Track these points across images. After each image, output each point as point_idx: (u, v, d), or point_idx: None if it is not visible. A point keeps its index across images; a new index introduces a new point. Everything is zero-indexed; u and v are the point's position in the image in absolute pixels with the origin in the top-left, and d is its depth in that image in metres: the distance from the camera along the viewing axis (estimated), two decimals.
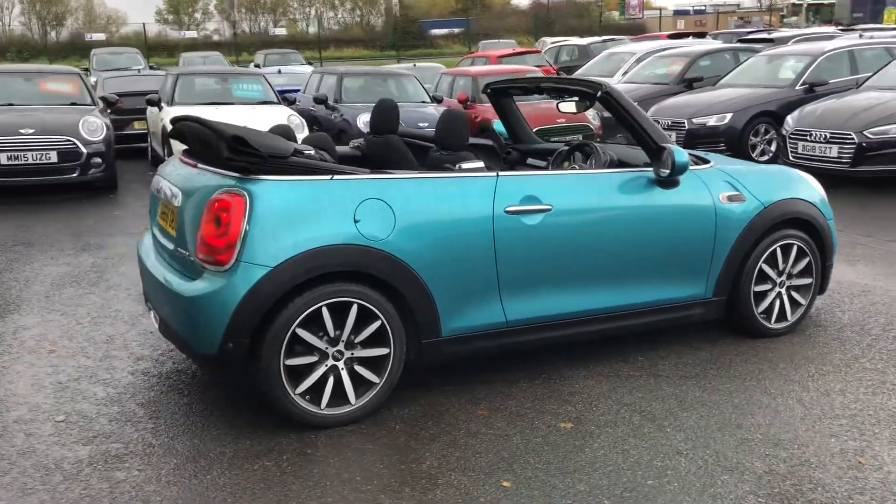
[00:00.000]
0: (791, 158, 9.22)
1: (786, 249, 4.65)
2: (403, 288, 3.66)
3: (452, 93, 12.57)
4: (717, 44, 14.56)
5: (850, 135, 8.72)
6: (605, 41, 19.83)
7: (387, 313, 3.65)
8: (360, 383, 3.70)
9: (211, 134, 3.62)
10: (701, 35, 20.28)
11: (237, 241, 3.41)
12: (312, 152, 3.89)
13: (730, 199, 4.45)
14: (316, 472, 3.29)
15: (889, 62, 10.35)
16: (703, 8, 56.62)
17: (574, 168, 4.67)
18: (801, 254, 4.71)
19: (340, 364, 3.63)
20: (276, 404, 3.57)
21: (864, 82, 10.15)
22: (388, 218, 3.63)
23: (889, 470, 3.25)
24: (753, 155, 10.25)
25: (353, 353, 3.65)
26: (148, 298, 4.16)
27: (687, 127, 10.25)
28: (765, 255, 4.57)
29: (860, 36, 15.49)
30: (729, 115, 10.31)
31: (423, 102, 11.48)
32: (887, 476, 3.21)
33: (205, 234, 3.48)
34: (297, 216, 3.50)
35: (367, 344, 3.67)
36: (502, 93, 5.43)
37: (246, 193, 3.43)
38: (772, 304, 4.69)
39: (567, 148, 5.07)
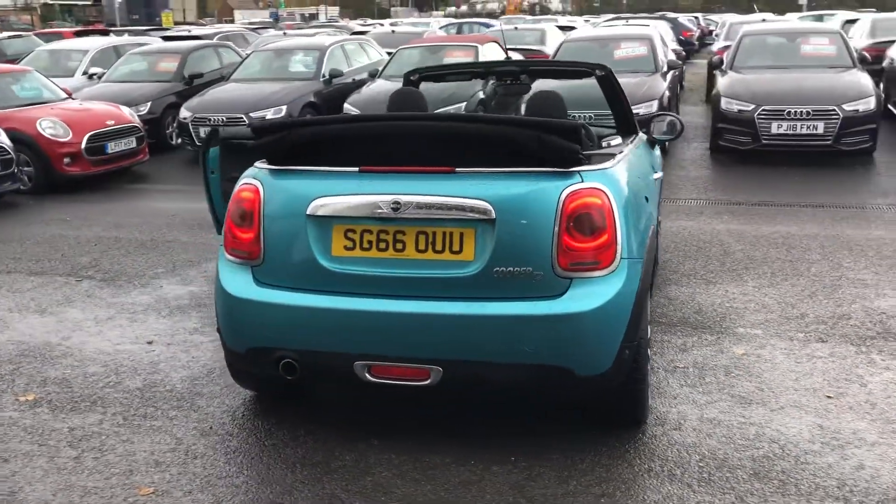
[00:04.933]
0: None
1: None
2: None
3: None
4: (200, 42, 14.28)
5: None
6: (11, 38, 16.89)
7: None
8: None
9: (515, 129, 3.03)
10: (105, 32, 19.01)
11: (616, 238, 3.03)
12: None
13: None
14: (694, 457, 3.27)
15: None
16: None
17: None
18: None
19: None
20: (641, 406, 3.30)
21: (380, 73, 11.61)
22: (648, 194, 3.62)
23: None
24: None
25: None
26: (377, 354, 3.07)
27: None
28: None
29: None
30: None
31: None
32: None
33: (567, 242, 2.97)
34: (629, 203, 3.24)
35: None
36: (425, 80, 5.16)
37: (603, 187, 3.05)
38: None
39: None
